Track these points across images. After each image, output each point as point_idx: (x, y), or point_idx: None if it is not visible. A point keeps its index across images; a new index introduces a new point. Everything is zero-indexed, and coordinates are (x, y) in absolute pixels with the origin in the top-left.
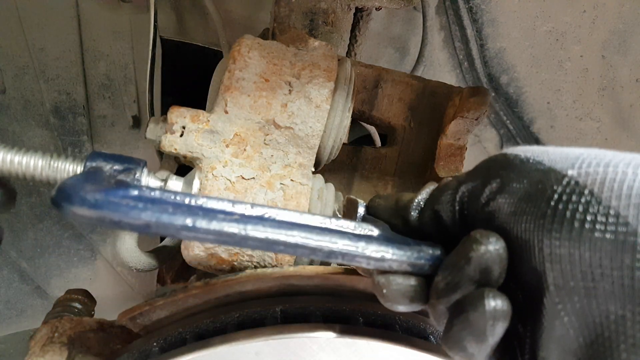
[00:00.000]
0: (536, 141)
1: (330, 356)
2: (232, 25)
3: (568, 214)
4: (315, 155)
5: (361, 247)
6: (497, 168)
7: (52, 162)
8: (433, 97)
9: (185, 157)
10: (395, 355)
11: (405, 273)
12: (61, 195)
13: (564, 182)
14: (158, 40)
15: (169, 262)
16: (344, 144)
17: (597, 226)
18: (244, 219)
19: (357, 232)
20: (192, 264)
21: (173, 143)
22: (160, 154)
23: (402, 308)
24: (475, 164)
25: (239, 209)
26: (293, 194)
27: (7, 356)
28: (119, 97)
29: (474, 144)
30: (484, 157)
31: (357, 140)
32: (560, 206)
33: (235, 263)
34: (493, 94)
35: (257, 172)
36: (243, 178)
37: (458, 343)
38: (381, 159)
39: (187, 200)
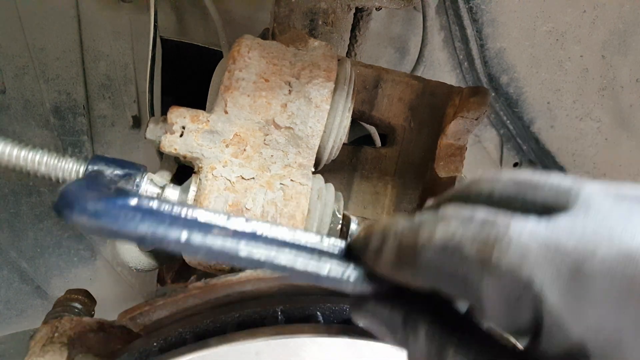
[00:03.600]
0: (536, 141)
1: (330, 356)
2: (232, 25)
3: None
4: (315, 156)
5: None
6: None
7: (55, 161)
8: (433, 97)
9: (185, 157)
10: (396, 355)
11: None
12: (63, 202)
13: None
14: (158, 40)
15: (169, 262)
16: (344, 144)
17: None
18: (237, 235)
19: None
20: (192, 264)
21: (173, 143)
22: (161, 153)
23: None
24: (475, 164)
25: (233, 223)
26: (293, 194)
27: (7, 356)
28: (119, 97)
29: (474, 144)
30: (484, 157)
31: (357, 140)
32: None
33: None
34: (493, 94)
35: (256, 172)
36: (243, 178)
37: None
38: (381, 159)
39: (183, 213)
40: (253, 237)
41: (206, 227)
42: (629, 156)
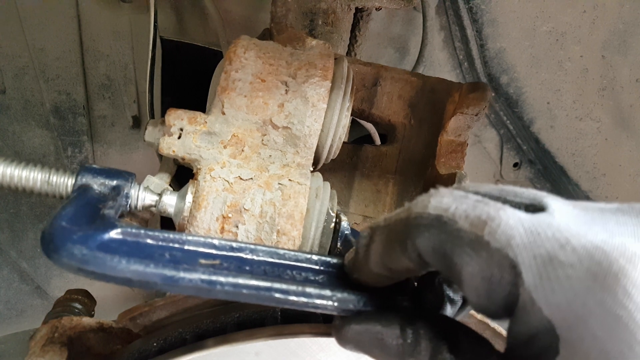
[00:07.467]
0: (536, 141)
1: (330, 356)
2: (232, 25)
3: None
4: (313, 155)
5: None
6: None
7: (44, 176)
8: (433, 94)
9: (183, 158)
10: None
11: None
12: (50, 246)
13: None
14: (158, 40)
15: None
16: (344, 142)
17: None
18: (224, 263)
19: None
20: None
21: (171, 145)
22: (160, 155)
23: None
24: (475, 164)
25: (220, 251)
26: (291, 194)
27: (7, 356)
28: (119, 97)
29: (474, 144)
30: (484, 156)
31: (357, 140)
32: None
33: None
34: (493, 94)
35: (255, 173)
36: (241, 179)
37: None
38: (382, 156)
39: (167, 243)
40: (240, 262)
41: (192, 257)
42: (629, 156)
